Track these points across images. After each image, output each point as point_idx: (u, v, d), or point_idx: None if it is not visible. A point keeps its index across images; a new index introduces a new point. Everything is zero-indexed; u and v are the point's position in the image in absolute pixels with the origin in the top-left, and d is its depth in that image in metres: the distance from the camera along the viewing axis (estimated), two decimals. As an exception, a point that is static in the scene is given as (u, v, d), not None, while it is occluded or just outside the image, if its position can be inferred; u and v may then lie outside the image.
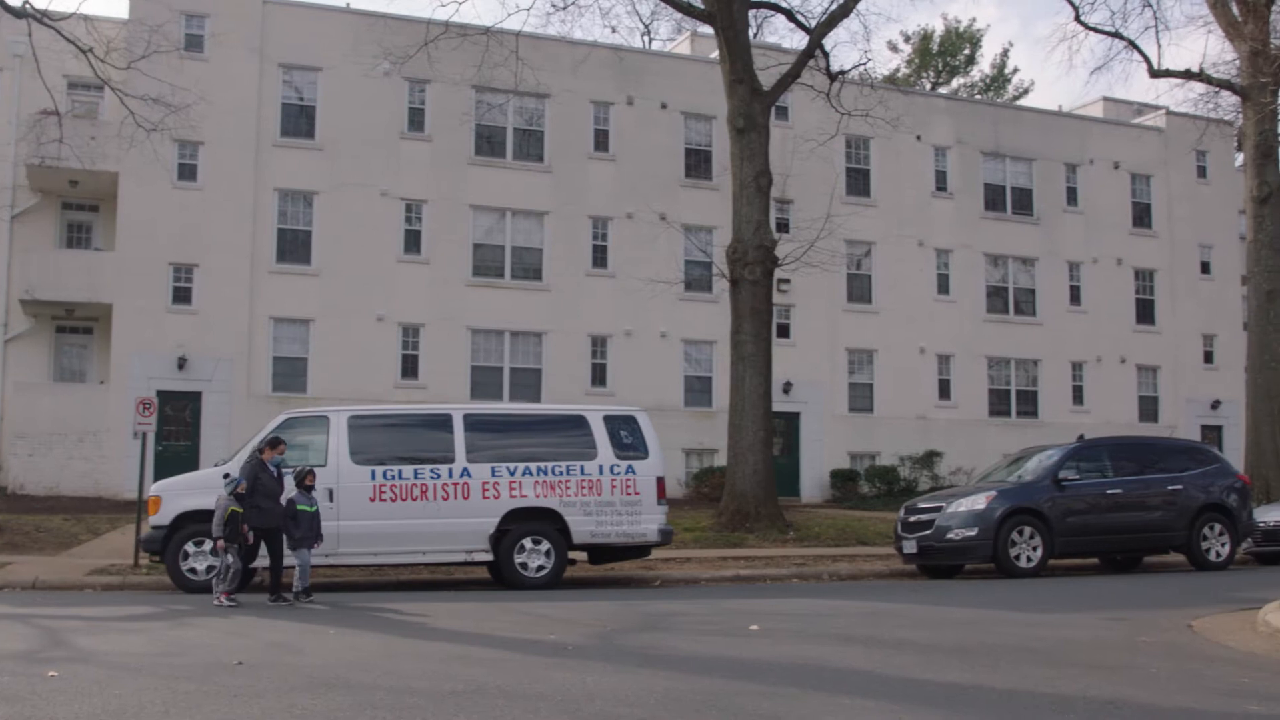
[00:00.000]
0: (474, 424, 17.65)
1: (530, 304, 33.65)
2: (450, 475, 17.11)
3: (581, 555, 18.49)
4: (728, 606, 13.97)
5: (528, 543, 17.08)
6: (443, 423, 17.68)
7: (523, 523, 17.15)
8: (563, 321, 33.71)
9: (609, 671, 8.79)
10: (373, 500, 16.79)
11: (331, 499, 16.48)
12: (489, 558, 17.20)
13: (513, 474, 17.25)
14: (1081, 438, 21.39)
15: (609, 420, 18.01)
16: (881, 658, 9.54)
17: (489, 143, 34.13)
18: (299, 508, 15.12)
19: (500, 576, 17.26)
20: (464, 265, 33.27)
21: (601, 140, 35.24)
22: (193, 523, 16.13)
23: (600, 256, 34.73)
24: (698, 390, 35.40)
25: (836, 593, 16.20)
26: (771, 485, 25.06)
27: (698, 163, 36.30)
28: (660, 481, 17.94)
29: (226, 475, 15.27)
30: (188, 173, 31.13)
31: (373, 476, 16.87)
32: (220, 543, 14.31)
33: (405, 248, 32.81)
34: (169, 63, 27.54)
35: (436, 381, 32.18)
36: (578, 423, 17.94)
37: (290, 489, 15.25)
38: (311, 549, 15.21)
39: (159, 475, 22.12)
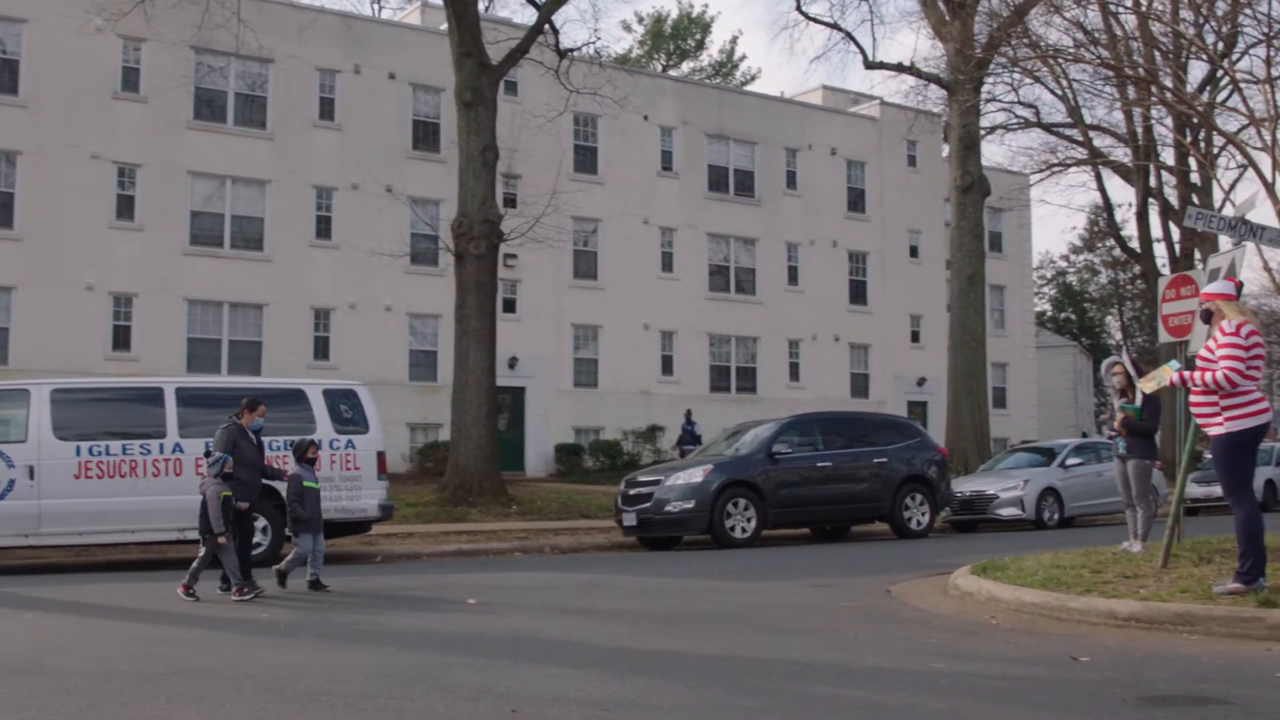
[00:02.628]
0: (187, 398, 17.00)
1: (250, 275, 32.64)
2: (161, 451, 16.45)
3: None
4: (447, 581, 13.95)
5: (243, 519, 16.62)
6: (154, 396, 16.95)
7: (238, 499, 16.68)
8: (284, 293, 32.84)
9: (321, 649, 8.69)
10: (78, 477, 16.00)
11: (32, 476, 15.69)
12: (202, 536, 16.67)
13: (228, 449, 16.75)
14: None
15: (329, 394, 17.68)
16: (595, 628, 9.72)
17: (209, 107, 32.89)
18: (305, 485, 13.10)
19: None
20: (181, 233, 31.99)
21: (327, 108, 34.45)
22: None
23: (324, 227, 33.99)
24: (423, 365, 35.10)
25: (557, 565, 16.37)
26: (495, 459, 25.10)
27: (426, 135, 35.94)
28: (381, 456, 17.73)
29: (208, 452, 12.83)
30: (-127, 126, 29.02)
31: (77, 453, 16.07)
32: (222, 539, 12.02)
33: (117, 213, 31.27)
34: None
35: (150, 354, 30.87)
36: (296, 397, 17.51)
37: (277, 466, 14.12)
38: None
39: None
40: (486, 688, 6.94)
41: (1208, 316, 9.48)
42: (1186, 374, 9.40)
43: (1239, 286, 10.78)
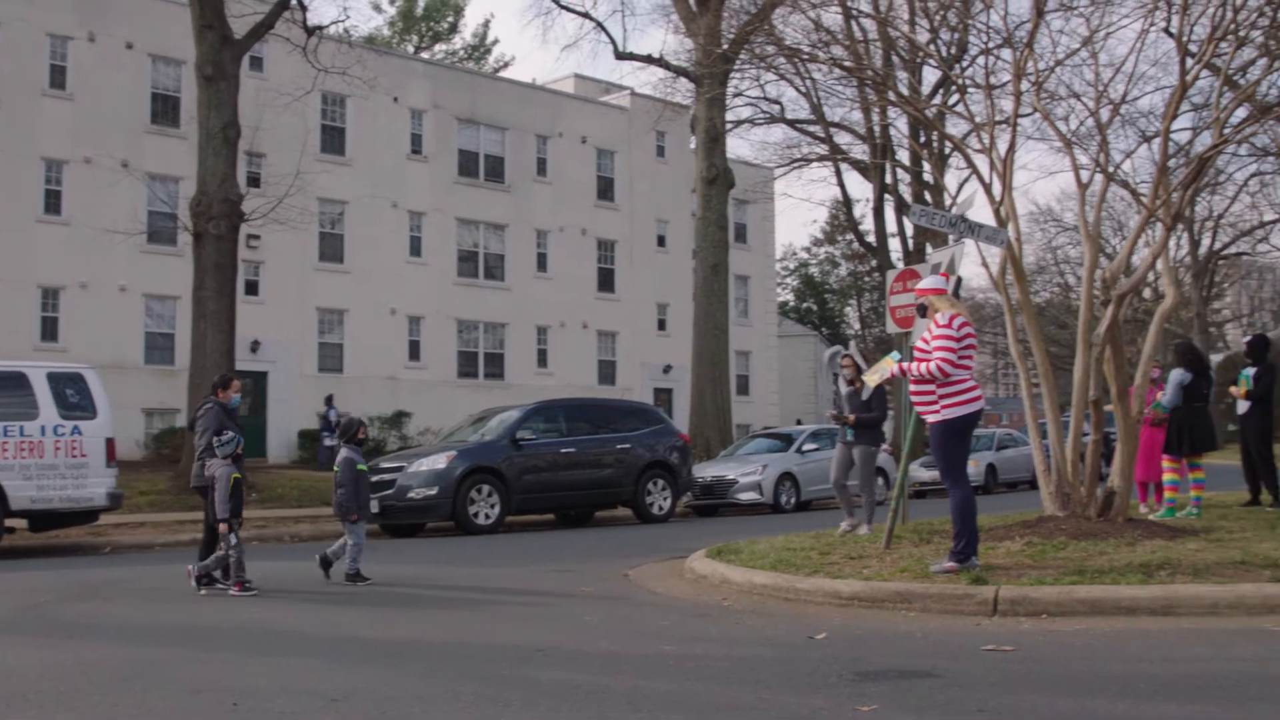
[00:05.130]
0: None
1: (-30, 250, 30.89)
2: None
3: (22, 523, 17.24)
4: (179, 572, 13.49)
5: (-43, 510, 15.75)
6: None
7: (-48, 488, 15.80)
8: (9, 271, 31.07)
9: (36, 645, 8.29)
10: None
11: None
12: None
13: (-60, 435, 15.84)
14: None
15: (53, 378, 16.85)
16: (328, 617, 9.58)
17: (-76, 71, 30.97)
18: (359, 468, 12.20)
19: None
20: (-109, 205, 30.05)
21: (58, 77, 32.79)
22: None
23: (54, 202, 32.38)
24: (160, 348, 33.84)
25: (296, 554, 16.04)
26: (234, 446, 24.39)
27: (165, 109, 34.63)
28: (110, 443, 17.02)
29: (220, 433, 11.63)
30: None
31: None
32: (224, 526, 11.24)
33: None
34: None
35: None
36: (18, 381, 16.64)
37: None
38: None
39: None
40: (210, 681, 6.76)
41: (923, 310, 9.93)
42: (906, 365, 9.85)
43: (958, 282, 11.33)
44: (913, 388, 9.71)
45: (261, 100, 32.98)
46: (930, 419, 9.57)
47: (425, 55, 62.75)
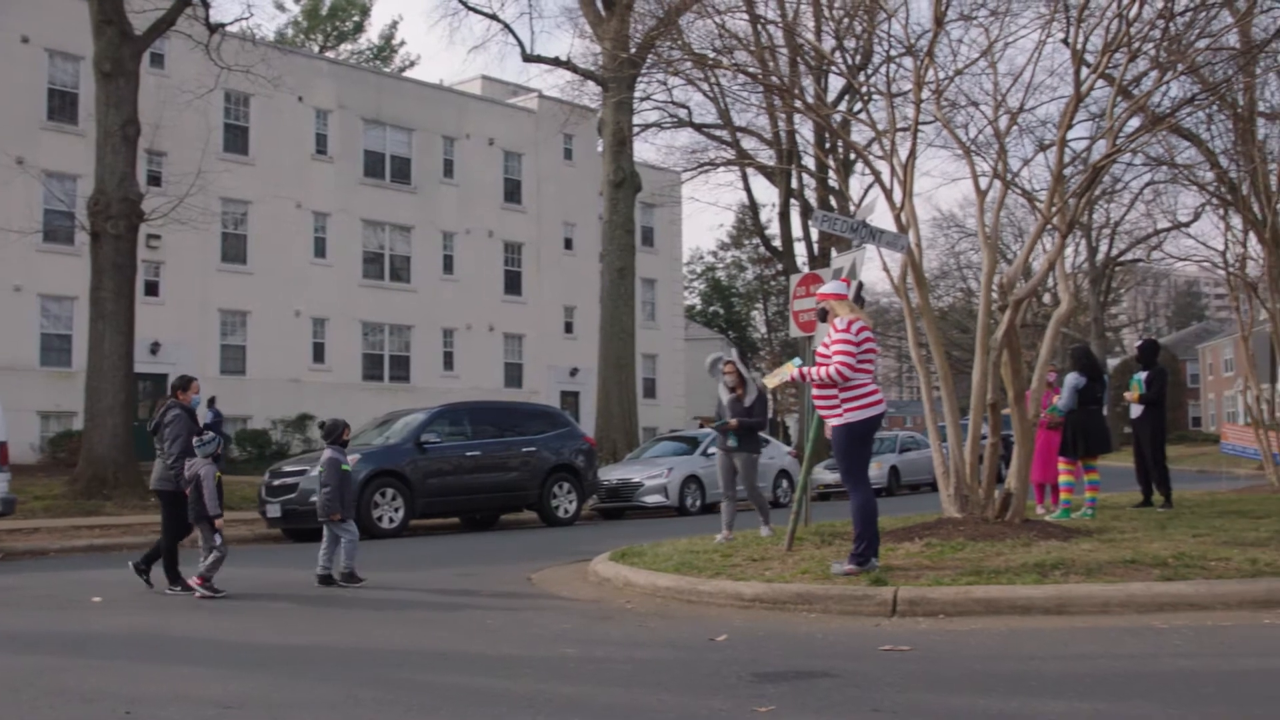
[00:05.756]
0: None
1: None
2: None
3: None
4: (73, 578, 13.29)
5: None
6: None
7: None
8: (-103, 269, 30.36)
9: (-79, 653, 8.11)
10: None
11: None
12: None
13: None
14: None
15: (-57, 379, 16.50)
16: (226, 623, 9.45)
17: None
18: (344, 469, 12.13)
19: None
20: None
21: (-51, 71, 32.06)
22: None
23: (-56, 200, 31.62)
24: (57, 349, 33.15)
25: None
26: (132, 449, 23.97)
27: (63, 105, 33.94)
28: (3, 447, 16.64)
29: (206, 429, 11.79)
30: None
31: None
32: (220, 522, 11.38)
33: None
34: None
35: None
36: (-94, 382, 16.29)
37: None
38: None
39: None
40: (103, 689, 6.65)
41: (824, 315, 10.04)
42: (806, 370, 9.94)
43: (860, 286, 11.47)
44: (815, 392, 9.81)
45: (163, 98, 32.46)
46: (832, 422, 9.67)
47: (330, 55, 62.18)
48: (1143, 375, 16.12)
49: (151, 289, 33.99)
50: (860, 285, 11.48)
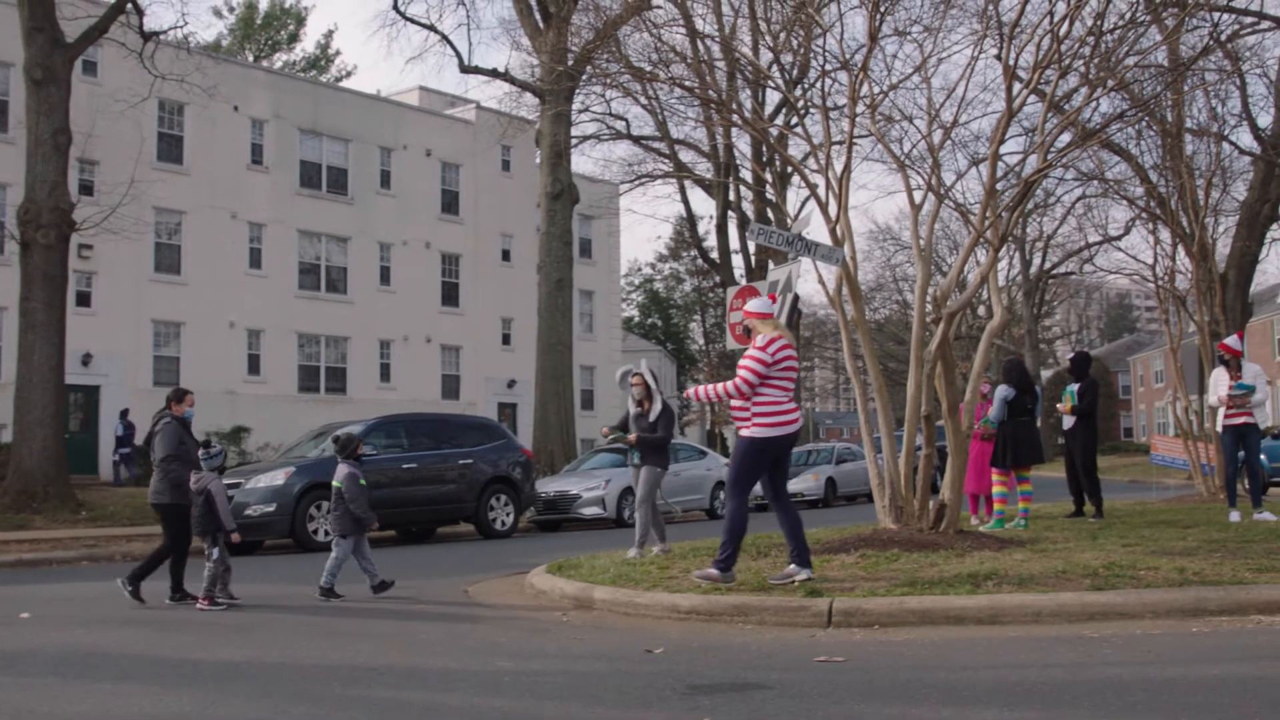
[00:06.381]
0: None
1: None
2: None
3: None
4: (0, 594, 13.07)
5: None
6: None
7: None
8: None
9: None
10: None
11: None
12: None
13: None
14: None
15: None
16: (157, 639, 9.33)
17: None
18: (361, 483, 12.05)
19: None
20: None
21: (-125, 78, 31.50)
22: None
23: None
24: (-15, 361, 32.64)
25: (125, 574, 15.58)
26: (63, 462, 23.67)
27: (-9, 113, 33.47)
28: (-72, 459, 16.41)
29: (207, 443, 11.74)
30: None
31: None
32: (236, 536, 11.56)
33: None
34: None
35: None
36: None
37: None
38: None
39: None
40: (29, 708, 6.54)
41: (748, 332, 10.12)
42: (700, 389, 10.13)
43: (795, 299, 11.54)
44: (732, 403, 9.89)
45: (95, 106, 32.10)
46: (741, 432, 9.76)
47: (266, 64, 61.71)
48: (1075, 387, 16.34)
49: (83, 299, 33.52)
50: (796, 298, 11.56)
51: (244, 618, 10.55)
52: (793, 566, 9.83)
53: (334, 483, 11.99)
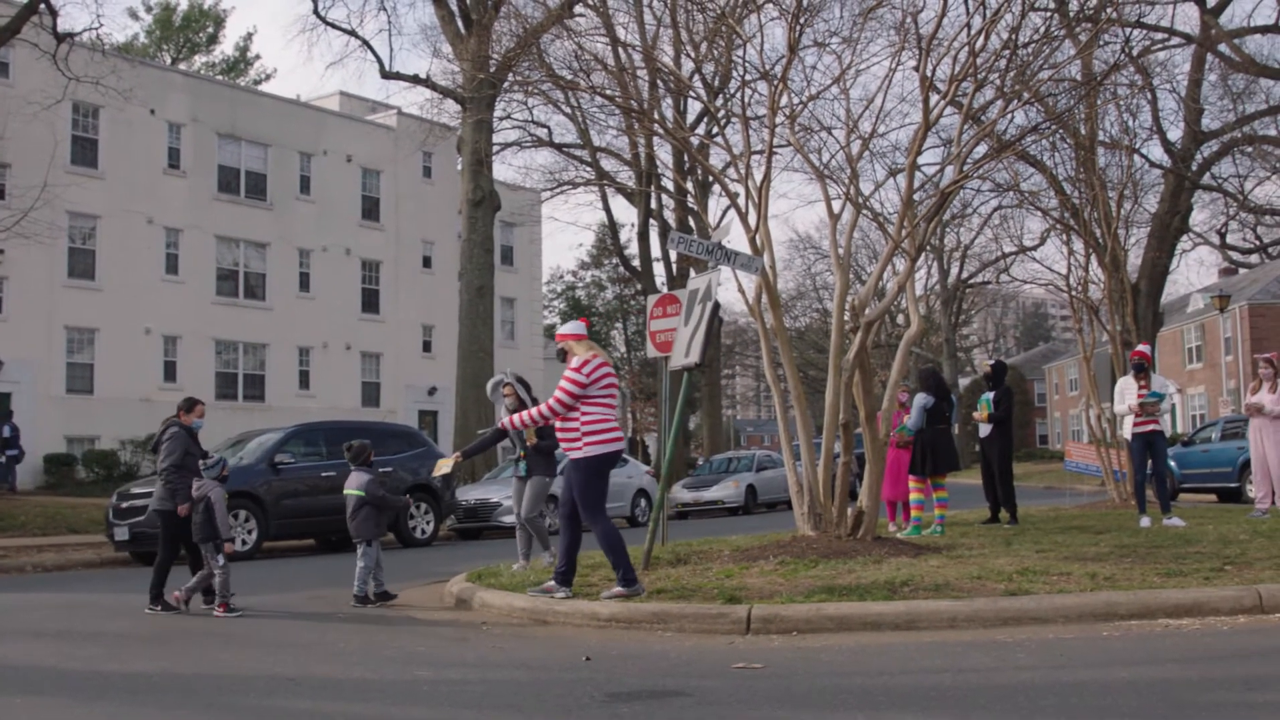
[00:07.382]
0: None
1: None
2: None
3: None
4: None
5: None
6: None
7: None
8: None
9: None
10: None
11: None
12: None
13: None
14: None
15: None
16: (70, 651, 9.17)
17: None
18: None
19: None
20: None
21: None
22: None
23: None
24: (-109, 367, 31.93)
25: (37, 585, 15.33)
26: (-28, 471, 23.23)
27: (-102, 115, 32.74)
28: None
29: (206, 455, 11.66)
30: None
31: None
32: (231, 546, 11.42)
33: None
34: None
35: None
36: None
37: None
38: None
39: None
40: (-66, 721, 6.43)
41: (563, 355, 10.13)
42: (516, 417, 10.33)
43: (716, 307, 11.60)
44: (558, 425, 9.95)
45: (7, 108, 31.54)
46: (572, 455, 9.84)
47: (184, 67, 60.93)
48: (991, 395, 16.58)
49: (-7, 305, 32.96)
50: (717, 305, 11.61)
51: (158, 627, 10.41)
52: (552, 582, 10.29)
53: (352, 491, 11.92)
